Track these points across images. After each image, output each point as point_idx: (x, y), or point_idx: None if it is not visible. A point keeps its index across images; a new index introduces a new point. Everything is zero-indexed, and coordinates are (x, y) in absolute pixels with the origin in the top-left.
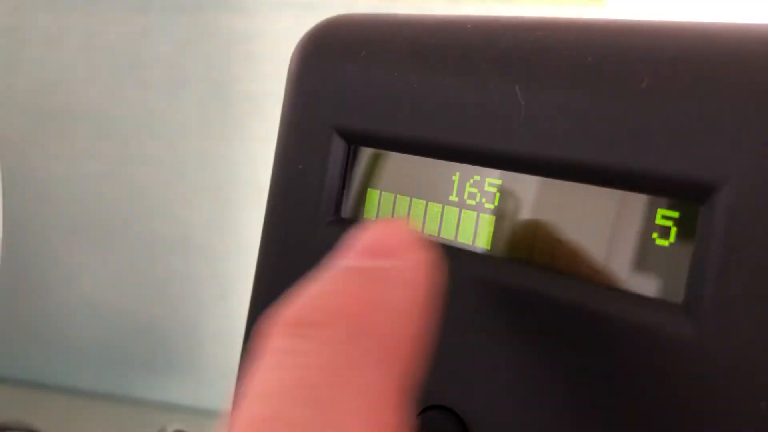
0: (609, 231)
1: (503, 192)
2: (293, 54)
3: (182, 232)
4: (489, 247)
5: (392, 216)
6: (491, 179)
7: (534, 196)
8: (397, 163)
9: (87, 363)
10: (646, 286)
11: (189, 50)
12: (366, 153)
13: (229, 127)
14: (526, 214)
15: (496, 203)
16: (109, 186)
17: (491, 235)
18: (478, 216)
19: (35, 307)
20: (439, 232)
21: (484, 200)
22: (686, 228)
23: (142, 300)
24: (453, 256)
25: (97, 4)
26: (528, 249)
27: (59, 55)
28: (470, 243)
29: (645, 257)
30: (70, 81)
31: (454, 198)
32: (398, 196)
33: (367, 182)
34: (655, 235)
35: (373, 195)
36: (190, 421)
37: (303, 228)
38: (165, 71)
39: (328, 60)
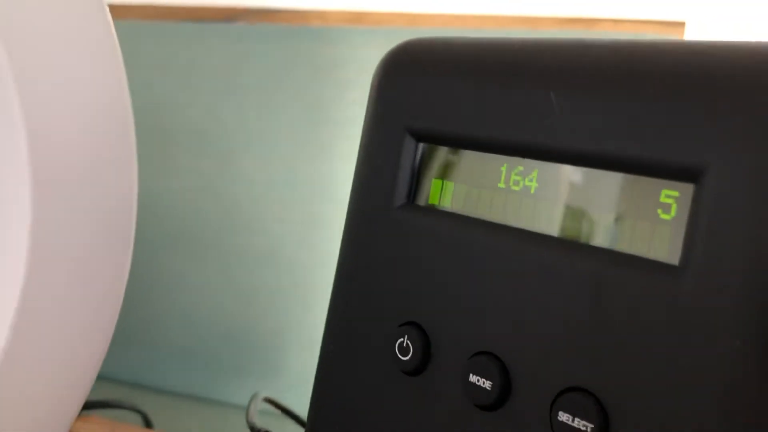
0: (624, 208)
1: (541, 179)
2: (376, 69)
3: (271, 246)
4: (529, 225)
5: (451, 202)
6: (532, 169)
7: (565, 181)
8: (456, 157)
9: (180, 366)
10: (651, 251)
11: (282, 76)
12: (432, 150)
13: (317, 148)
14: (559, 197)
15: (535, 189)
16: (207, 201)
17: (532, 215)
18: (521, 200)
19: (137, 313)
20: (489, 214)
21: (526, 186)
22: (683, 204)
23: (233, 308)
24: (501, 234)
25: (200, 33)
26: (561, 226)
27: (165, 79)
28: (515, 222)
29: (651, 228)
30: (174, 103)
31: (501, 185)
32: (456, 184)
33: (433, 174)
34: (659, 210)
35: (437, 184)
36: (273, 424)
37: (379, 212)
38: (260, 95)
39: (404, 74)
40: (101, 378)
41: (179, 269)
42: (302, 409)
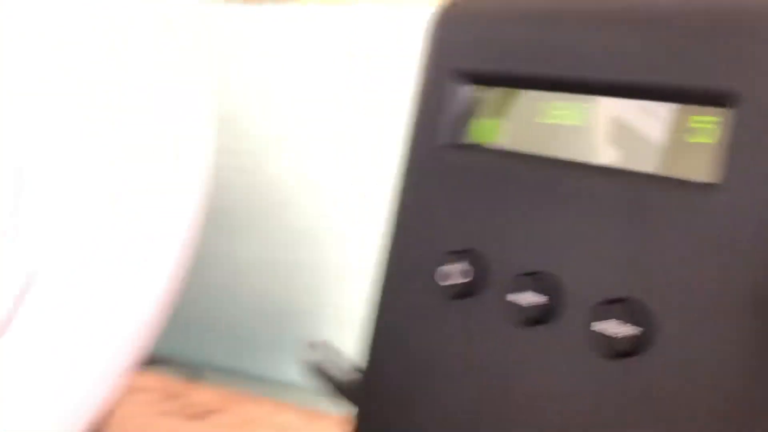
0: (663, 135)
1: (581, 113)
2: (431, 16)
3: (309, 224)
4: (573, 156)
5: (498, 138)
6: (576, 104)
7: (604, 114)
8: (501, 96)
9: (221, 341)
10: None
11: (324, 59)
12: (480, 90)
13: (358, 126)
14: (599, 128)
15: (577, 122)
16: (250, 179)
17: (575, 146)
18: (563, 132)
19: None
20: (534, 147)
21: (569, 119)
22: (719, 129)
23: (272, 285)
24: (546, 164)
25: (249, 15)
26: (603, 155)
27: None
28: (559, 153)
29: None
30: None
31: (544, 120)
32: (502, 121)
33: (481, 113)
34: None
35: (485, 122)
36: (307, 399)
37: (428, 153)
38: (304, 78)
39: (458, 18)
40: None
41: (222, 247)
42: None
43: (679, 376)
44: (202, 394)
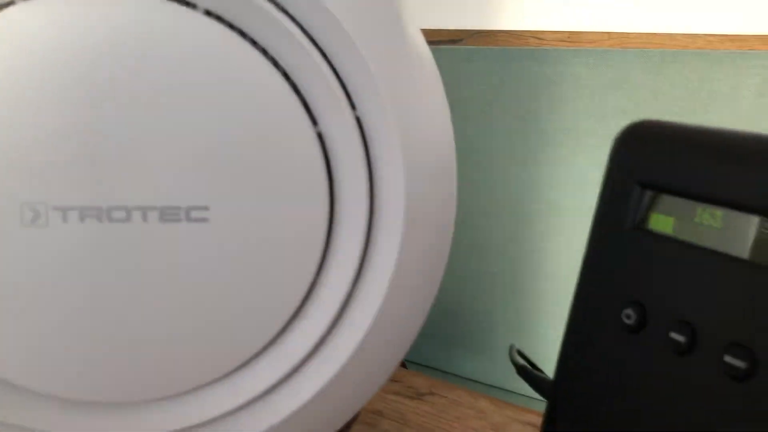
0: None
1: (725, 220)
2: (616, 138)
3: (482, 238)
4: (718, 248)
5: (665, 228)
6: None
7: (745, 224)
8: (669, 200)
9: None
10: None
11: (502, 91)
12: (655, 196)
13: (530, 155)
14: (739, 234)
15: (721, 225)
16: None
17: (719, 241)
18: (710, 231)
19: None
20: (690, 237)
21: (714, 222)
22: None
23: (449, 291)
24: (695, 250)
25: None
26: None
27: None
28: (707, 244)
29: None
30: None
31: (697, 220)
32: (669, 217)
33: (654, 210)
34: None
35: (656, 216)
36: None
37: (616, 232)
38: (481, 108)
39: (638, 142)
40: None
41: None
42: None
43: None
44: (416, 380)
